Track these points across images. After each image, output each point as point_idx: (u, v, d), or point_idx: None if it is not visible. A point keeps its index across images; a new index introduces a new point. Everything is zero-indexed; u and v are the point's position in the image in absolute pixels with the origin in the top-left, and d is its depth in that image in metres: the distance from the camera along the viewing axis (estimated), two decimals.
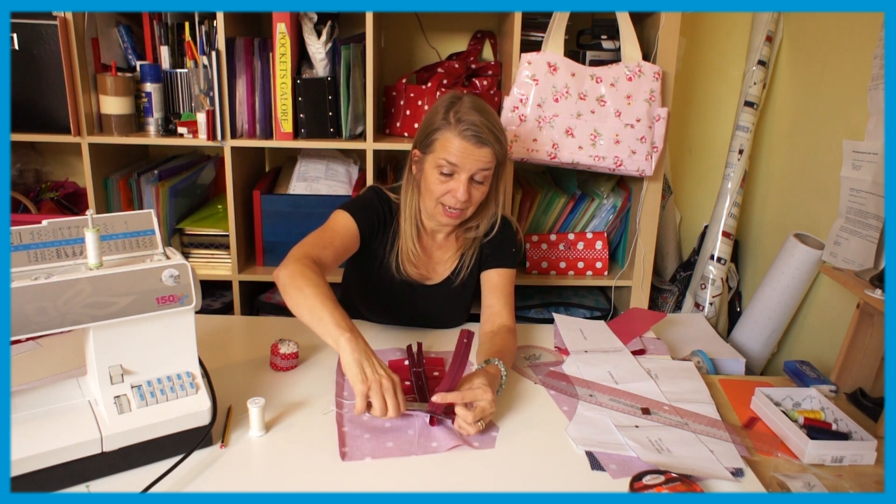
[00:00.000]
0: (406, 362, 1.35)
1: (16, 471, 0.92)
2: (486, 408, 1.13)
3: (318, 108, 1.81)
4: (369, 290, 1.54)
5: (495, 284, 1.50)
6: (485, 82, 1.96)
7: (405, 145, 1.86)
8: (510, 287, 1.51)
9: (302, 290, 1.19)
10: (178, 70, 1.86)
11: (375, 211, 1.46)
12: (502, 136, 1.38)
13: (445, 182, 1.36)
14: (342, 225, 1.40)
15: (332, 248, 1.35)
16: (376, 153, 1.86)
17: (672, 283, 2.26)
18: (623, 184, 2.04)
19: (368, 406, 1.09)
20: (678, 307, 2.21)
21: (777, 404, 1.26)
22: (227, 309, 2.00)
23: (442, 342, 1.48)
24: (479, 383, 1.15)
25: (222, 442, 1.09)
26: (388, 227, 1.48)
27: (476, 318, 1.54)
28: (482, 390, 1.13)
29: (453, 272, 1.52)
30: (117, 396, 1.00)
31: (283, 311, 1.93)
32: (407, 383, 1.28)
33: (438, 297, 1.53)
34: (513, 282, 1.52)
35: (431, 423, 1.15)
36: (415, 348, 1.39)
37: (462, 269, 1.51)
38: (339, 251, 1.37)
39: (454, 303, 1.55)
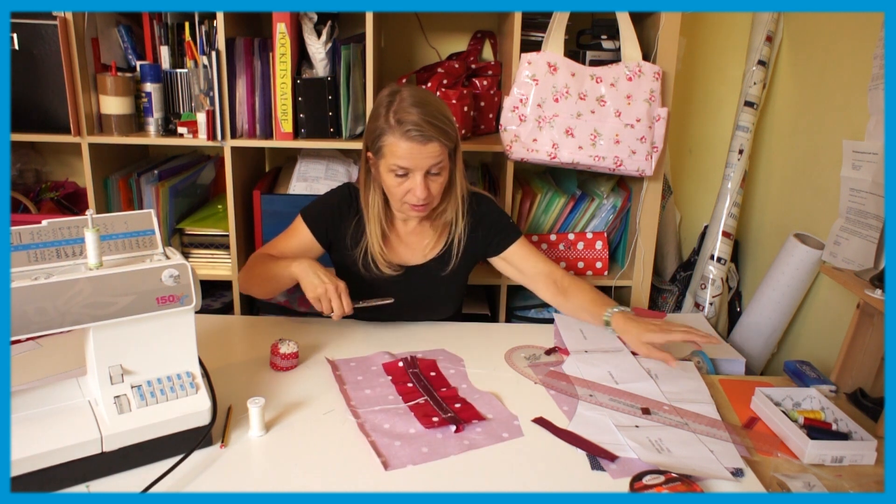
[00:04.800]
0: (400, 364, 1.36)
1: (16, 471, 0.92)
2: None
3: (318, 108, 1.81)
4: (355, 286, 1.54)
5: (521, 256, 1.56)
6: (485, 82, 1.96)
7: None
8: (531, 247, 1.59)
9: (254, 273, 1.46)
10: (178, 70, 1.86)
11: (333, 212, 1.50)
12: (447, 123, 1.36)
13: (402, 183, 1.38)
14: (298, 236, 1.51)
15: (281, 255, 1.48)
16: None
17: (672, 283, 2.26)
18: (623, 184, 2.04)
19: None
20: (678, 307, 2.21)
21: (777, 404, 1.26)
22: (227, 309, 2.00)
23: (426, 341, 1.48)
24: (671, 329, 1.39)
25: (222, 442, 1.09)
26: (352, 220, 1.51)
27: (472, 318, 1.56)
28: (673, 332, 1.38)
29: (438, 258, 1.53)
30: (117, 396, 1.00)
31: (283, 311, 1.93)
32: (409, 385, 1.29)
33: (424, 280, 1.54)
34: (528, 241, 1.60)
35: (458, 430, 1.15)
36: (407, 354, 1.40)
37: (451, 257, 1.53)
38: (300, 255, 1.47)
39: (443, 289, 1.57)
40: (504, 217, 1.58)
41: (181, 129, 1.83)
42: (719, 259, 2.09)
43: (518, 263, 1.57)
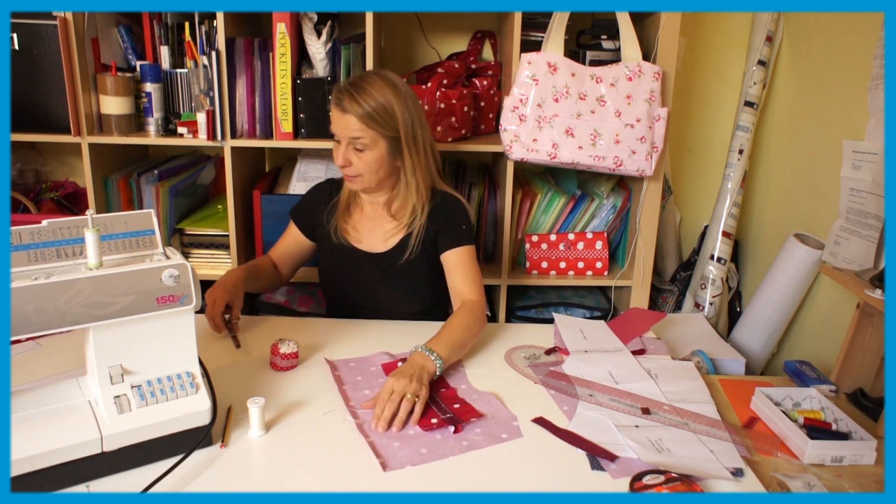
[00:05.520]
0: (399, 364, 1.35)
1: (16, 471, 0.92)
2: (382, 396, 1.17)
3: (318, 108, 1.81)
4: (325, 267, 1.64)
5: (452, 264, 1.52)
6: (485, 82, 1.96)
7: None
8: (468, 262, 1.52)
9: None
10: (178, 70, 1.86)
11: (311, 203, 1.63)
12: (373, 105, 1.40)
13: (337, 149, 1.47)
14: (290, 233, 1.65)
15: (278, 252, 1.66)
16: None
17: (672, 283, 2.26)
18: (623, 184, 2.04)
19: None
20: (678, 307, 2.21)
21: (777, 404, 1.26)
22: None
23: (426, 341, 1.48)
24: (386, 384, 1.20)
25: (222, 442, 1.09)
26: (329, 203, 1.60)
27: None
28: (384, 389, 1.19)
29: (396, 248, 1.55)
30: (117, 396, 1.00)
31: (283, 310, 1.93)
32: None
33: (383, 269, 1.56)
34: (471, 257, 1.53)
35: (456, 430, 1.15)
36: (406, 354, 1.39)
37: (407, 248, 1.53)
38: (285, 255, 1.65)
39: (403, 281, 1.56)
40: (461, 222, 1.54)
41: (181, 129, 1.83)
42: (719, 259, 2.09)
43: (446, 270, 1.54)
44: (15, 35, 1.69)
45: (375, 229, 1.57)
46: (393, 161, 1.47)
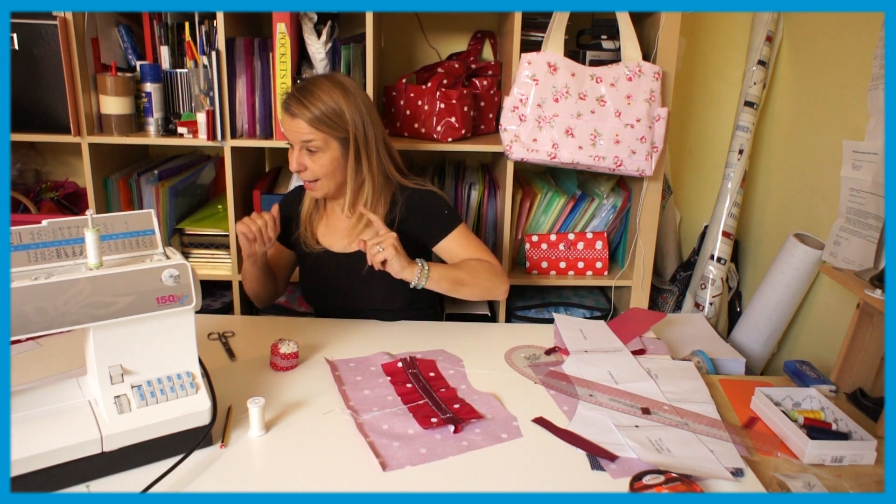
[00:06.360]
0: (399, 364, 1.35)
1: (16, 471, 0.92)
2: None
3: None
4: (304, 275, 1.65)
5: (453, 249, 1.52)
6: (485, 82, 1.96)
7: (405, 145, 1.86)
8: (469, 240, 1.53)
9: (244, 281, 1.62)
10: (178, 70, 1.86)
11: (282, 211, 1.58)
12: (322, 107, 1.40)
13: (291, 154, 1.46)
14: None
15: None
16: None
17: (672, 283, 2.26)
18: (623, 184, 2.04)
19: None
20: (678, 307, 2.21)
21: (777, 404, 1.26)
22: (227, 309, 2.00)
23: (425, 341, 1.48)
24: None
25: (222, 442, 1.09)
26: (298, 208, 1.60)
27: (472, 318, 1.54)
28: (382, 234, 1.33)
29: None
30: (117, 396, 1.00)
31: (283, 310, 1.93)
32: (408, 386, 1.29)
33: (358, 269, 1.50)
34: (468, 234, 1.53)
35: (456, 430, 1.15)
36: (406, 355, 1.39)
37: None
38: (270, 258, 1.64)
39: (380, 280, 1.49)
40: (442, 208, 1.53)
41: (181, 129, 1.83)
42: (719, 259, 2.09)
43: (449, 255, 1.53)
44: (15, 35, 1.69)
45: (343, 230, 1.56)
46: (347, 162, 1.45)
